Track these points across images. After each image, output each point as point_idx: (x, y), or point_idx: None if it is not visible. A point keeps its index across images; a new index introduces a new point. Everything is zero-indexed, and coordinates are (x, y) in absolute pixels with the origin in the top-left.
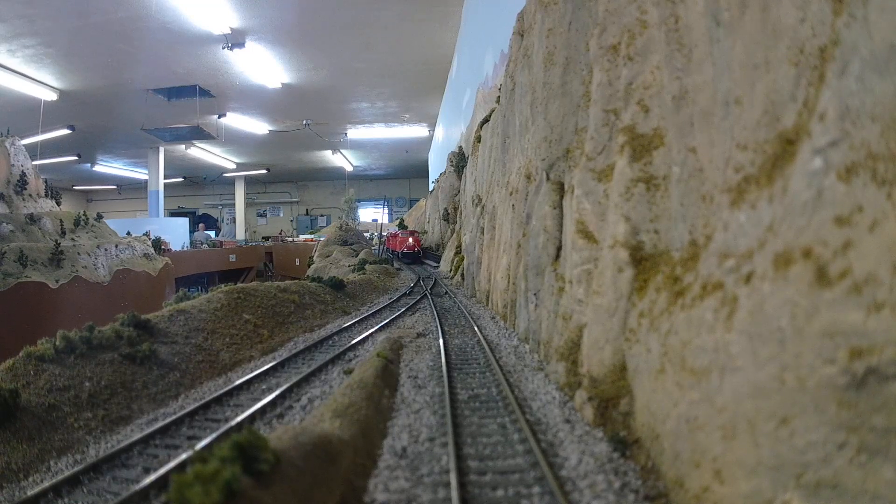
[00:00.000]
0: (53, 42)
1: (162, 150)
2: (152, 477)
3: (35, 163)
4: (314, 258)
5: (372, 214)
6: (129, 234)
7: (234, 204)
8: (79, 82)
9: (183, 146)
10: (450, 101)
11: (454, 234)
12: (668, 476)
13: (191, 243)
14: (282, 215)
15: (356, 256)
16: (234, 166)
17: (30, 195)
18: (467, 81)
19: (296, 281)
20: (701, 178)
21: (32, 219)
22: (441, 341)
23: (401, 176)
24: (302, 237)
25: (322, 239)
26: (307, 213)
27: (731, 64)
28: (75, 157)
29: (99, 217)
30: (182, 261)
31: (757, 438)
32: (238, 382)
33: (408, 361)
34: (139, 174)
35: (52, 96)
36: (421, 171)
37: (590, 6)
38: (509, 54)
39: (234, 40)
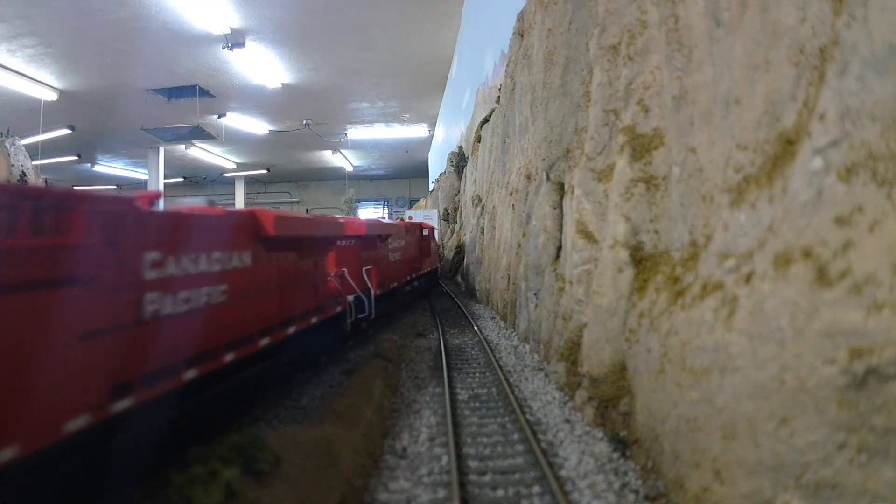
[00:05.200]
0: (53, 42)
1: (162, 150)
2: None
3: (35, 163)
4: None
5: (372, 214)
6: None
7: (234, 204)
8: (79, 82)
9: (183, 146)
10: (450, 101)
11: (454, 234)
12: (668, 476)
13: None
14: None
15: None
16: (234, 166)
17: None
18: (467, 81)
19: None
20: (701, 178)
21: None
22: (441, 341)
23: (401, 176)
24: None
25: None
26: (307, 213)
27: (731, 64)
28: (75, 157)
29: None
30: None
31: (757, 438)
32: None
33: (408, 361)
34: (139, 174)
35: (52, 96)
36: (421, 171)
37: (590, 6)
38: (509, 54)
39: (234, 40)
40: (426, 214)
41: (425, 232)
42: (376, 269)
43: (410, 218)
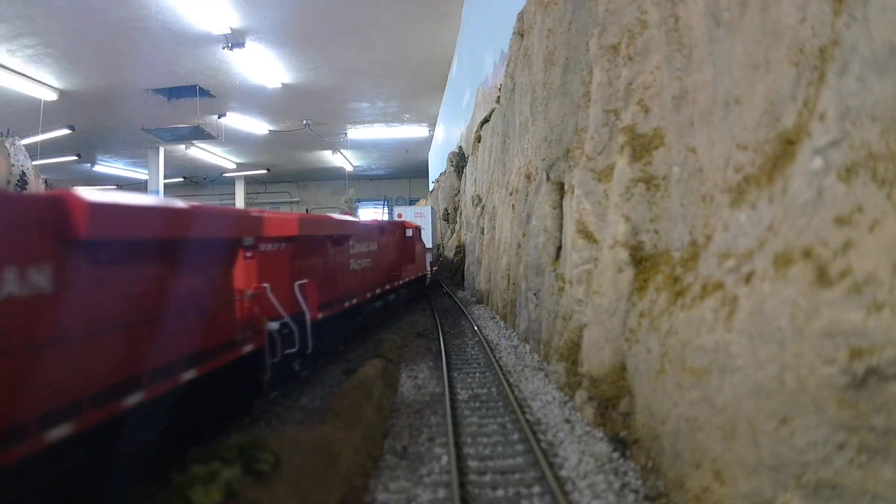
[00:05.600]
0: (53, 42)
1: (162, 150)
2: None
3: (35, 163)
4: None
5: (372, 214)
6: None
7: (234, 204)
8: (79, 82)
9: (183, 146)
10: (450, 101)
11: (454, 234)
12: (668, 476)
13: None
14: None
15: None
16: (234, 166)
17: None
18: (467, 81)
19: None
20: (701, 178)
21: None
22: (441, 341)
23: (401, 176)
24: None
25: None
26: (307, 213)
27: (731, 64)
28: (75, 157)
29: None
30: None
31: (757, 438)
32: None
33: (408, 361)
34: (139, 174)
35: (52, 96)
36: (421, 171)
37: (590, 6)
38: (509, 54)
39: (234, 40)
40: (417, 212)
41: (409, 232)
42: (322, 282)
43: (400, 216)
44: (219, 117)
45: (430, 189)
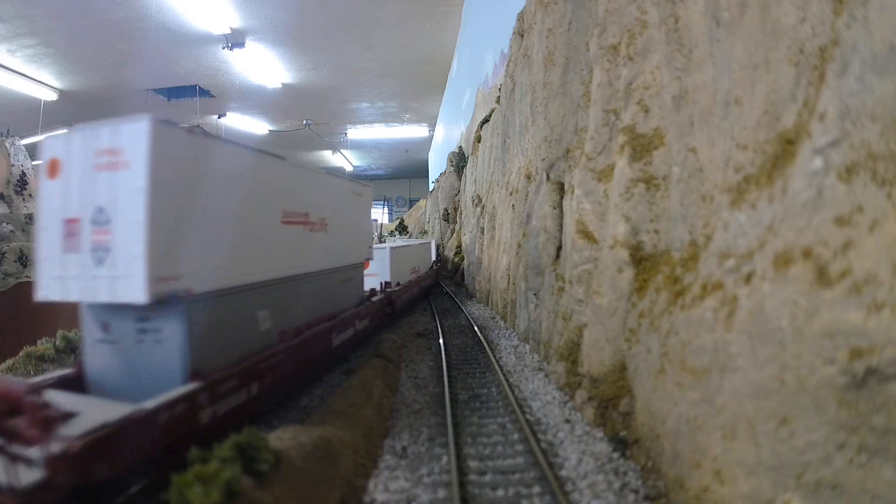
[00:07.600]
0: (53, 42)
1: None
2: None
3: (35, 163)
4: None
5: (372, 214)
6: None
7: None
8: (79, 82)
9: None
10: (450, 101)
11: (454, 234)
12: (669, 476)
13: None
14: None
15: None
16: None
17: (30, 195)
18: (467, 81)
19: None
20: (701, 178)
21: (32, 219)
22: (441, 341)
23: (401, 176)
24: None
25: None
26: None
27: (731, 64)
28: None
29: None
30: None
31: (757, 438)
32: None
33: (408, 361)
34: None
35: (52, 96)
36: (421, 171)
37: (590, 6)
38: (509, 54)
39: (234, 40)
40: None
41: None
42: None
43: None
44: (219, 117)
45: (430, 189)
